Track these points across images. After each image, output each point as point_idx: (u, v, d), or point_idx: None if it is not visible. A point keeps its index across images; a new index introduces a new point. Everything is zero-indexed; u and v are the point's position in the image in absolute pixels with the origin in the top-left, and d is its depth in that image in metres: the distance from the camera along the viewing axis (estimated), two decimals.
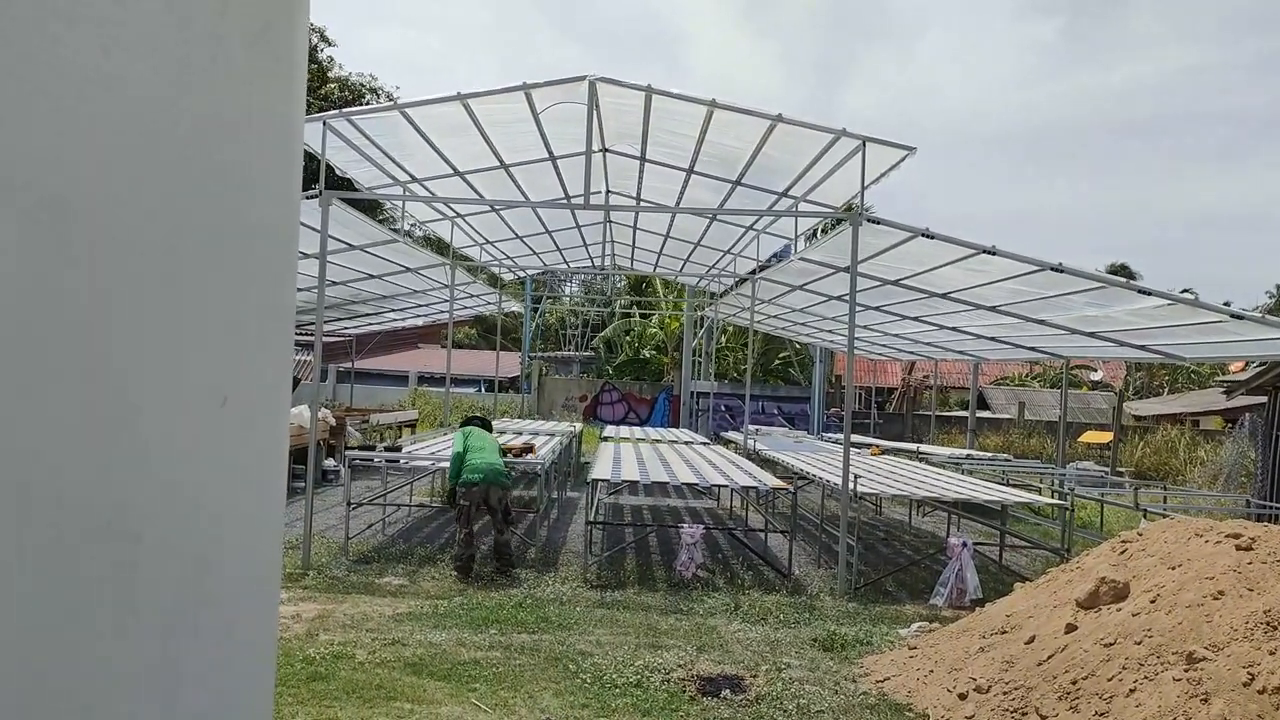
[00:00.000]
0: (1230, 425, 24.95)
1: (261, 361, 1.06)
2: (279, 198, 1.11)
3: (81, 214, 0.73)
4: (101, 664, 0.77)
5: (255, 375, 1.04)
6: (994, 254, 9.51)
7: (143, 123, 0.80)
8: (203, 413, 0.89)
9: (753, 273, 16.79)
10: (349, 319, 22.99)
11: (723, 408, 28.69)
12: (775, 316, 21.57)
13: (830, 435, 21.31)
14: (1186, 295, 11.57)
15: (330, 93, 32.40)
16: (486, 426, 10.32)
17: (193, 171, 0.88)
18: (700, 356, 29.21)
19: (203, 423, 0.89)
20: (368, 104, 31.74)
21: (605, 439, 16.10)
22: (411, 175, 12.73)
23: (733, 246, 17.14)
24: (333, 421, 15.64)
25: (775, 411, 29.31)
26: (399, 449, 11.92)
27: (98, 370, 0.75)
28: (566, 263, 23.06)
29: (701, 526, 9.65)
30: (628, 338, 35.96)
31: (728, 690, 6.21)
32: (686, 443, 15.81)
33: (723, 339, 32.76)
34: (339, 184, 12.30)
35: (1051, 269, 9.56)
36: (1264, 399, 15.54)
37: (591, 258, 22.69)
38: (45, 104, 0.69)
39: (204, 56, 0.88)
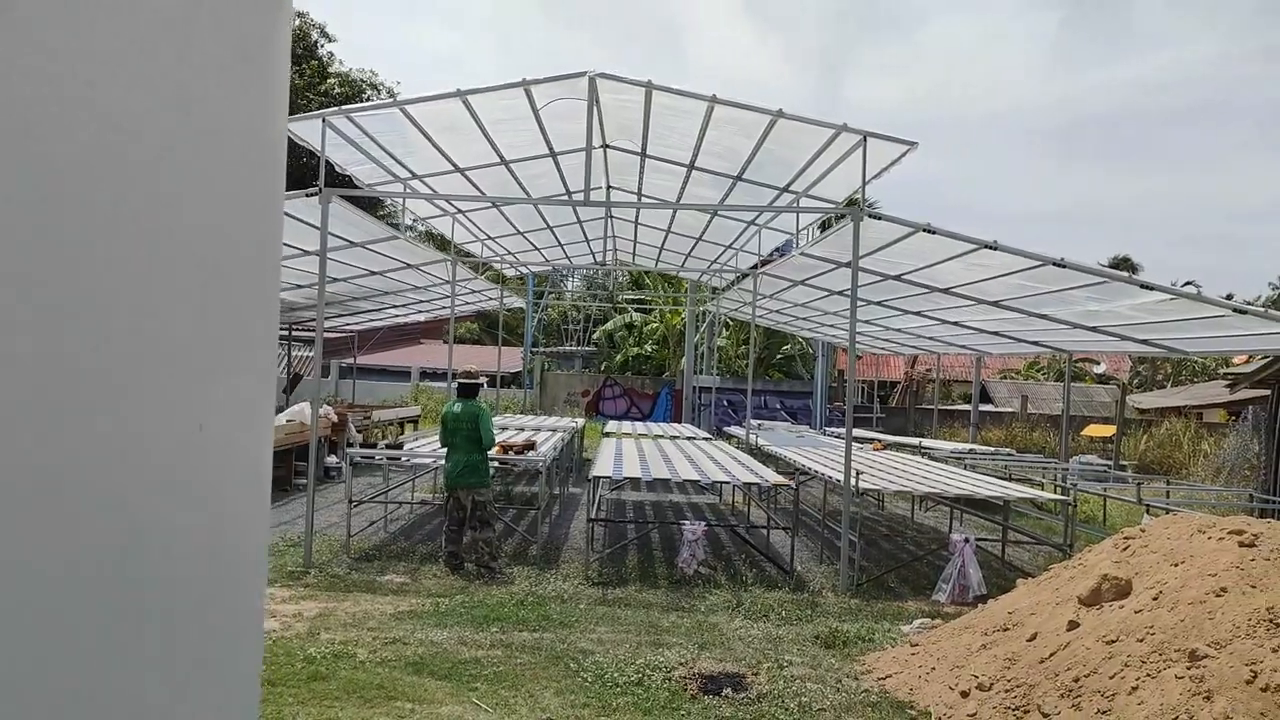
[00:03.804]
0: (1234, 418, 24.91)
1: (243, 377, 1.05)
2: (262, 213, 1.09)
3: (62, 233, 0.72)
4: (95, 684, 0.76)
5: (236, 392, 1.03)
6: (995, 249, 9.48)
7: (130, 143, 0.78)
8: (179, 439, 0.87)
9: (754, 268, 16.76)
10: (350, 315, 22.98)
11: (725, 403, 28.66)
12: (777, 311, 21.53)
13: (833, 430, 21.28)
14: (1189, 289, 11.54)
15: (330, 88, 32.35)
16: (471, 392, 9.57)
17: (173, 189, 0.87)
18: (702, 351, 29.19)
19: (179, 450, 0.87)
20: (368, 99, 31.70)
21: (607, 435, 16.09)
22: (412, 172, 12.70)
23: (734, 241, 17.10)
24: (335, 418, 15.64)
25: (778, 406, 29.28)
26: (400, 446, 11.91)
27: (76, 388, 0.74)
28: (569, 258, 23.03)
29: (703, 523, 9.64)
30: (630, 333, 35.92)
31: (729, 688, 6.20)
32: (689, 438, 15.80)
33: (725, 334, 32.72)
34: (339, 181, 12.28)
35: (1053, 264, 9.53)
36: (1267, 392, 15.50)
37: (594, 253, 22.65)
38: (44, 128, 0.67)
39: (191, 75, 0.87)
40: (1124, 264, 44.87)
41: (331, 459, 15.67)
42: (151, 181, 0.84)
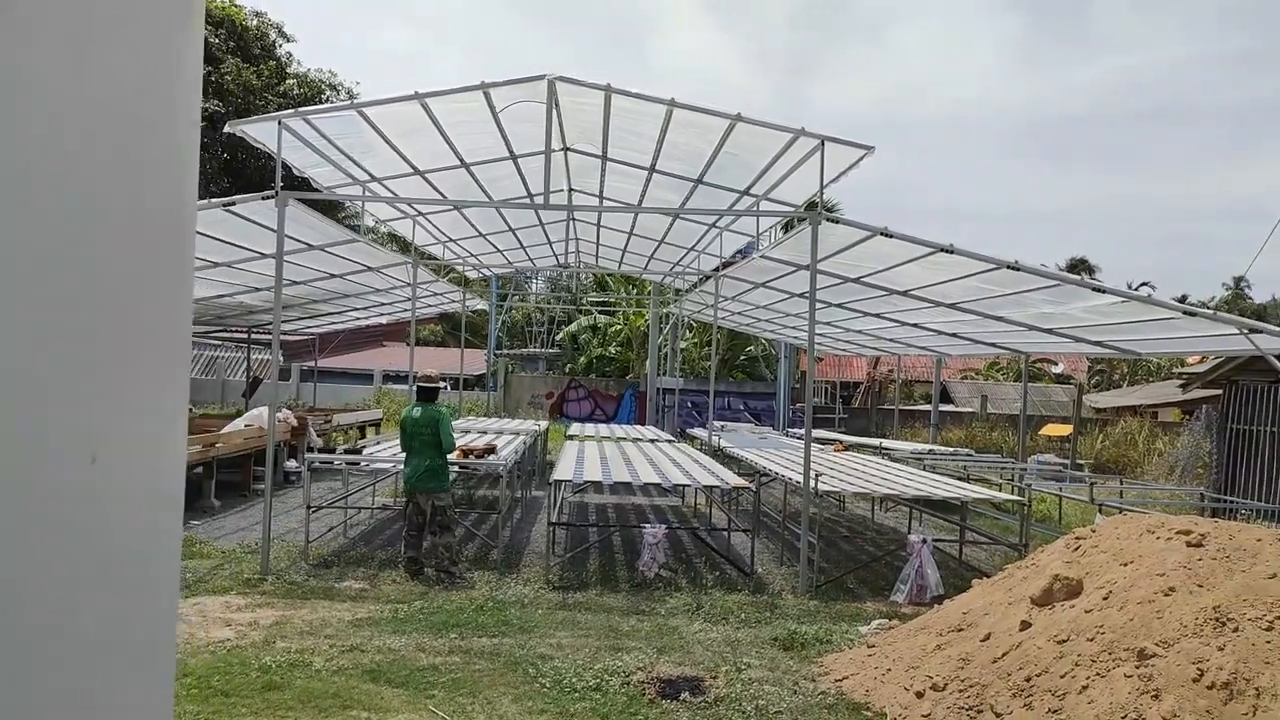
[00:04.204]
0: (1188, 417, 25.37)
1: (148, 394, 1.03)
2: (167, 222, 1.07)
3: None
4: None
5: (140, 407, 1.01)
6: (951, 252, 9.57)
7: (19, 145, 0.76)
8: (71, 470, 0.85)
9: (716, 270, 16.81)
10: (310, 318, 22.75)
11: (689, 404, 28.72)
12: (740, 313, 21.63)
13: (796, 431, 21.37)
14: (1141, 291, 11.73)
15: (289, 89, 32.03)
16: (431, 396, 9.54)
17: (54, 187, 0.85)
18: (666, 353, 29.24)
19: (69, 481, 0.85)
20: (327, 100, 31.46)
21: (570, 437, 16.06)
22: (371, 174, 12.60)
23: (696, 244, 17.14)
24: (294, 422, 15.47)
25: (741, 407, 29.37)
26: (359, 451, 11.80)
27: None
28: (531, 260, 22.96)
29: (664, 526, 9.65)
30: (594, 335, 35.90)
31: (687, 692, 6.21)
32: (651, 441, 15.80)
33: (688, 335, 32.79)
34: (297, 184, 12.17)
35: (1008, 267, 9.64)
36: (1219, 392, 15.80)
37: (556, 255, 22.61)
38: None
39: (90, 81, 0.85)
40: (1080, 266, 45.50)
41: (291, 464, 15.49)
42: (26, 179, 0.82)
